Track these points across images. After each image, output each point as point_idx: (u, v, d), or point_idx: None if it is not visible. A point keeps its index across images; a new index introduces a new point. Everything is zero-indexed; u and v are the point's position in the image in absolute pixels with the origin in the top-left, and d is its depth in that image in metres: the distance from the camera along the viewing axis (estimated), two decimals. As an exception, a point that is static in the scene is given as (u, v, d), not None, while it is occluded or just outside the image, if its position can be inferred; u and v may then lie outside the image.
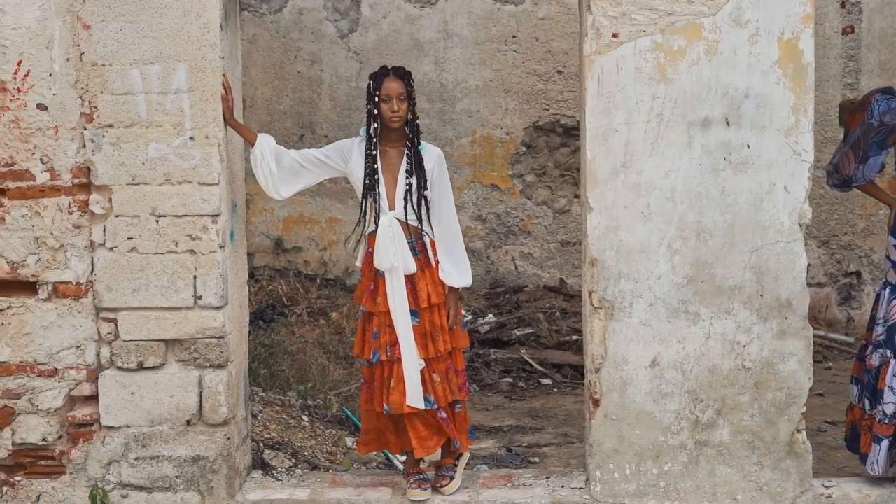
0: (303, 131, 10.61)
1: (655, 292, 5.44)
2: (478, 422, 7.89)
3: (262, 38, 10.62)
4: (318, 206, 10.68)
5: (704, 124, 5.37)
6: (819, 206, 10.40)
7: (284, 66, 10.62)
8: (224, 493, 5.56)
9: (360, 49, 10.61)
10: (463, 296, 10.56)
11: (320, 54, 10.62)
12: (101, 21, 5.38)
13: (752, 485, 5.50)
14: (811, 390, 5.50)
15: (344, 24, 10.63)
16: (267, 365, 8.00)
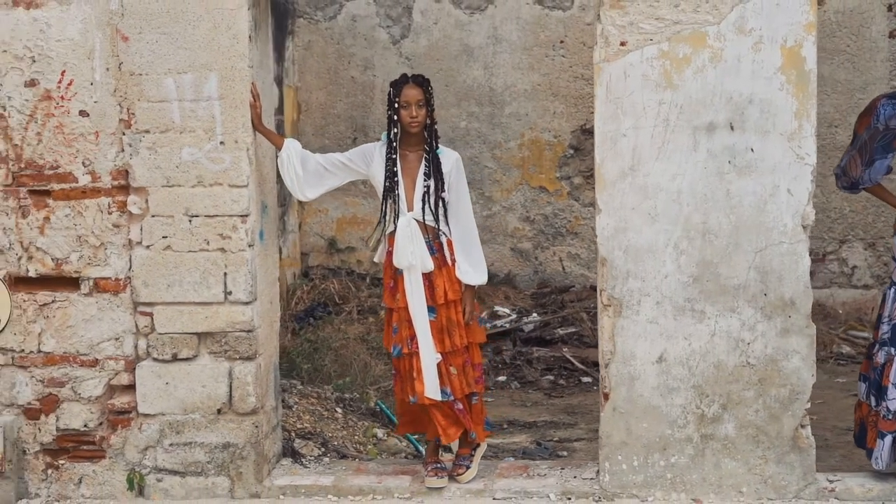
0: (356, 134, 10.92)
1: (662, 291, 5.65)
2: (514, 417, 8.14)
3: (317, 44, 10.95)
4: (371, 208, 10.96)
5: (709, 129, 5.57)
6: (866, 209, 10.48)
7: (338, 71, 10.94)
8: (252, 479, 5.88)
9: (412, 54, 10.89)
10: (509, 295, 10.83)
11: (373, 60, 10.92)
12: (138, 33, 5.73)
13: (757, 478, 5.68)
14: (846, 390, 5.65)
15: (396, 30, 10.92)
16: (311, 360, 8.31)
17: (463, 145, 10.95)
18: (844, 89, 10.55)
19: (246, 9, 5.70)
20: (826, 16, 10.59)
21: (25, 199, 5.85)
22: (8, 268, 5.89)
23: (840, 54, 10.55)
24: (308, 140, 10.81)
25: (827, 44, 10.62)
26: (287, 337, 9.15)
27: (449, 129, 11.00)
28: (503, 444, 7.33)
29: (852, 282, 10.77)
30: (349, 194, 10.88)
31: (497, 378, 9.27)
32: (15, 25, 5.79)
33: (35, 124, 5.81)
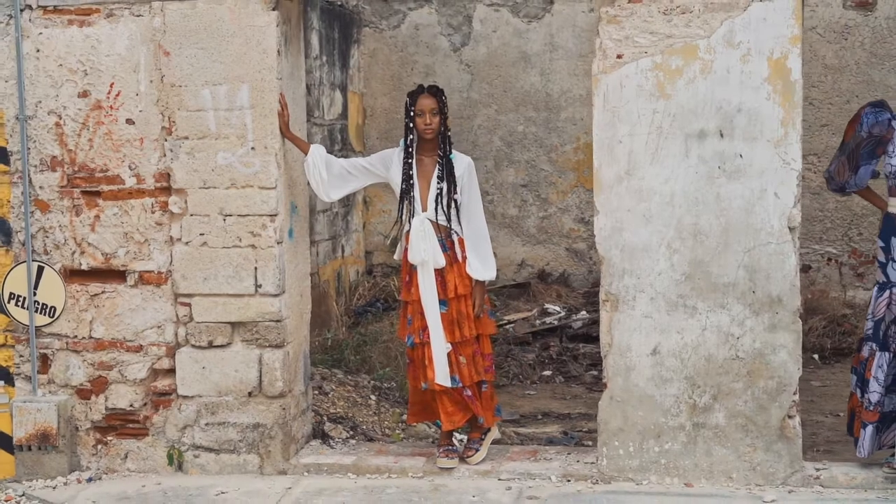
0: (418, 138, 11.41)
1: (656, 287, 6.03)
2: (550, 409, 8.54)
3: (381, 52, 11.48)
4: (432, 208, 11.45)
5: (700, 136, 5.94)
6: None
7: (402, 77, 11.45)
8: (280, 457, 6.40)
9: (472, 61, 11.37)
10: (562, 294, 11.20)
11: (434, 67, 11.42)
12: (178, 48, 6.30)
13: (746, 465, 6.03)
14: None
15: (457, 38, 11.40)
16: (360, 352, 8.83)
17: (520, 149, 11.39)
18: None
19: (275, 26, 6.22)
20: (877, 21, 10.81)
21: (78, 199, 6.45)
22: (63, 261, 6.50)
23: (891, 59, 10.74)
24: (373, 143, 11.37)
25: (878, 49, 10.84)
26: (343, 330, 9.70)
27: (507, 132, 11.46)
28: (534, 434, 7.72)
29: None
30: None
31: (543, 373, 9.67)
32: (70, 42, 6.39)
33: (87, 131, 6.41)
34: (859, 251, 10.93)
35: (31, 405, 6.44)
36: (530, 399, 8.97)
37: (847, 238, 10.93)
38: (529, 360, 9.83)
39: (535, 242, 11.55)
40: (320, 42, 10.16)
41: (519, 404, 8.69)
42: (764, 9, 5.82)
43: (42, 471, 6.46)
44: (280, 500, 5.99)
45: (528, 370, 9.67)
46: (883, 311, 5.97)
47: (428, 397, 6.39)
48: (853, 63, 10.82)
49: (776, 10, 5.82)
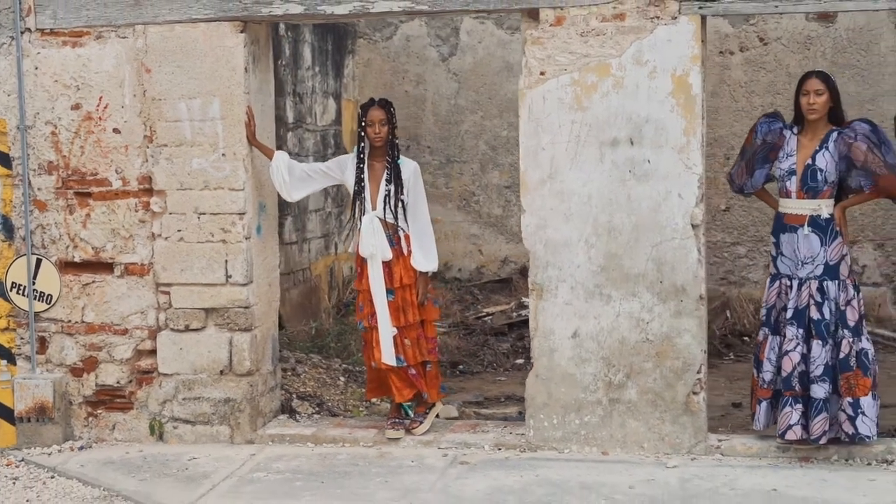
0: (409, 143, 12.21)
1: (576, 278, 6.80)
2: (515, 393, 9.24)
3: (375, 62, 12.29)
4: (422, 208, 12.24)
5: (613, 144, 6.70)
6: (874, 212, 11.31)
7: (394, 86, 12.25)
8: (248, 428, 7.23)
9: (459, 70, 12.15)
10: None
11: (424, 75, 12.21)
12: (158, 66, 7.14)
13: (656, 435, 6.78)
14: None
15: (445, 48, 12.19)
16: (340, 340, 9.66)
17: (504, 152, 12.16)
18: (855, 101, 11.35)
19: (242, 46, 7.04)
20: (837, 32, 11.46)
21: (72, 199, 7.31)
22: (58, 254, 7.35)
23: (850, 68, 11.39)
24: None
25: (839, 59, 11.50)
26: (329, 320, 10.52)
27: (492, 137, 12.23)
28: (493, 414, 8.46)
29: (862, 280, 11.59)
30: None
31: (516, 361, 10.40)
32: (64, 61, 7.25)
33: (79, 139, 7.26)
34: (822, 249, 11.59)
35: (31, 382, 7.29)
36: (499, 384, 9.71)
37: (810, 236, 11.59)
38: (504, 349, 10.58)
39: (518, 240, 12.07)
40: (313, 54, 10.98)
41: (487, 388, 9.42)
42: (668, 31, 6.58)
43: (40, 440, 7.31)
44: (244, 464, 6.81)
45: (501, 358, 10.41)
46: (774, 300, 6.70)
47: (382, 375, 7.19)
48: (816, 72, 11.46)
49: (679, 32, 6.57)
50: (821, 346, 6.49)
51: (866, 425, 6.47)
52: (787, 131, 6.68)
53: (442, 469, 6.59)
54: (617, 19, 6.62)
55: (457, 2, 6.78)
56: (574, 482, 6.29)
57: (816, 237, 6.54)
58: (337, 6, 6.90)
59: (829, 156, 6.52)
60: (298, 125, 10.56)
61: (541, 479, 6.37)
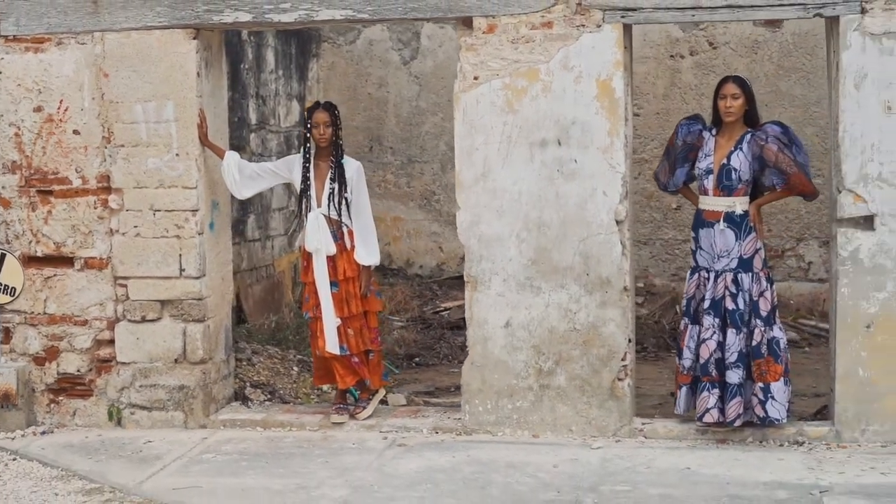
0: (372, 143, 12.65)
1: (508, 271, 7.22)
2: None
3: (339, 65, 12.70)
4: (385, 207, 12.65)
5: (542, 144, 7.12)
6: (820, 210, 11.71)
7: (357, 88, 12.67)
8: (201, 413, 7.64)
9: (420, 74, 12.56)
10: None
11: (387, 78, 12.62)
12: (115, 71, 7.54)
13: (583, 419, 7.21)
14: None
15: (406, 52, 12.60)
16: (300, 332, 10.06)
17: (463, 153, 12.54)
18: (800, 103, 11.81)
19: (195, 52, 7.45)
20: (784, 37, 11.90)
21: (34, 197, 7.71)
22: (21, 249, 7.75)
23: (796, 72, 11.82)
24: (330, 148, 12.55)
25: (785, 62, 11.94)
26: (290, 315, 10.93)
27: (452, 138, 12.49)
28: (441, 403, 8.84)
29: (808, 276, 12.05)
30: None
31: (470, 353, 10.80)
32: (27, 65, 7.65)
33: (41, 140, 7.66)
34: (769, 246, 11.98)
35: (-5, 370, 7.70)
36: (452, 375, 10.10)
37: (758, 234, 12.01)
38: (459, 342, 10.95)
39: (478, 238, 12.69)
40: (276, 58, 11.39)
41: (440, 379, 9.82)
42: (593, 39, 7.00)
43: (4, 425, 7.70)
44: (195, 446, 7.22)
45: (457, 351, 10.80)
46: (693, 291, 7.13)
47: (328, 363, 7.60)
48: (762, 75, 11.89)
49: (603, 40, 6.99)
50: (735, 335, 6.92)
51: (776, 409, 6.89)
52: (706, 133, 7.10)
53: (380, 451, 7.01)
54: (545, 27, 7.03)
55: (395, 10, 7.20)
56: (502, 462, 6.70)
57: (731, 232, 6.96)
58: (283, 14, 7.30)
59: (744, 156, 6.94)
60: (262, 126, 10.97)
61: (471, 459, 6.79)
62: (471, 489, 6.25)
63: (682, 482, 6.28)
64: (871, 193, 6.81)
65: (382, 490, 6.27)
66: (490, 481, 6.37)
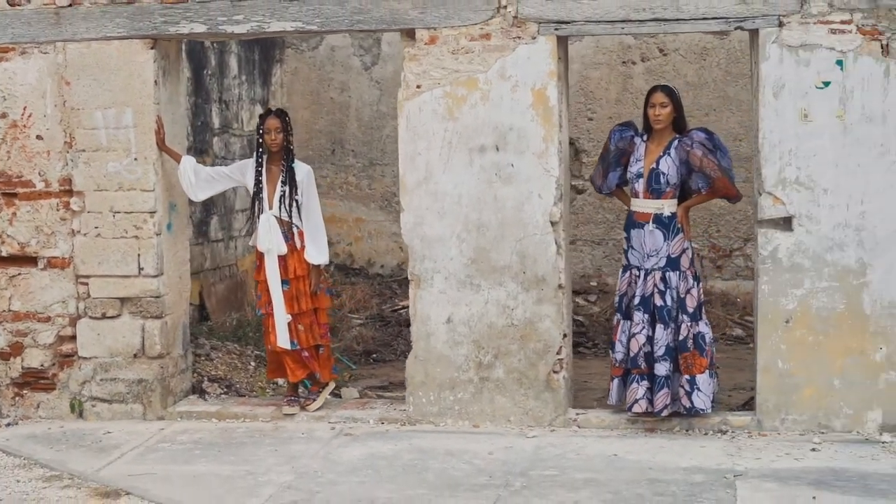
0: (334, 146, 13.04)
1: (449, 269, 7.62)
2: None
3: (302, 70, 13.09)
4: (347, 208, 13.06)
5: (481, 150, 7.52)
6: (766, 211, 12.16)
7: (320, 93, 13.06)
8: (159, 406, 8.01)
9: (381, 79, 12.95)
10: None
11: (348, 83, 13.02)
12: (76, 79, 7.91)
13: (521, 410, 7.61)
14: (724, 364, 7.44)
15: (367, 58, 12.99)
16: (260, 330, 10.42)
17: (423, 155, 12.93)
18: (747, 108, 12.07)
19: (152, 62, 7.82)
20: (731, 44, 12.32)
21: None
22: (-13, 249, 8.13)
23: (743, 77, 12.23)
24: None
25: (733, 68, 12.37)
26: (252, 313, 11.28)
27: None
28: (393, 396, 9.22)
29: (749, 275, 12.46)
30: (329, 197, 12.96)
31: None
32: (-8, 74, 8.03)
33: (6, 145, 8.02)
34: (718, 246, 12.45)
35: (-38, 364, 8.05)
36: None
37: (707, 234, 12.44)
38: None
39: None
40: (239, 64, 11.77)
41: (395, 374, 10.14)
42: (528, 50, 7.40)
43: (-30, 417, 8.07)
44: (152, 436, 7.59)
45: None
46: (625, 288, 7.54)
47: (280, 357, 7.99)
48: (711, 80, 12.34)
49: (538, 51, 7.40)
50: (663, 330, 7.33)
51: (701, 400, 7.31)
52: (637, 139, 7.51)
53: (327, 440, 7.40)
54: (483, 38, 7.44)
55: (342, 22, 7.59)
56: (441, 450, 7.10)
57: (660, 233, 7.37)
58: (236, 26, 7.69)
59: (671, 161, 7.36)
60: (225, 130, 11.35)
61: (412, 447, 7.18)
62: (409, 475, 6.64)
63: (608, 467, 6.69)
64: (789, 196, 7.21)
65: (326, 476, 6.65)
66: (427, 467, 6.76)
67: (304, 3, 7.57)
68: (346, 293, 12.15)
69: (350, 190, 13.06)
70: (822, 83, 7.15)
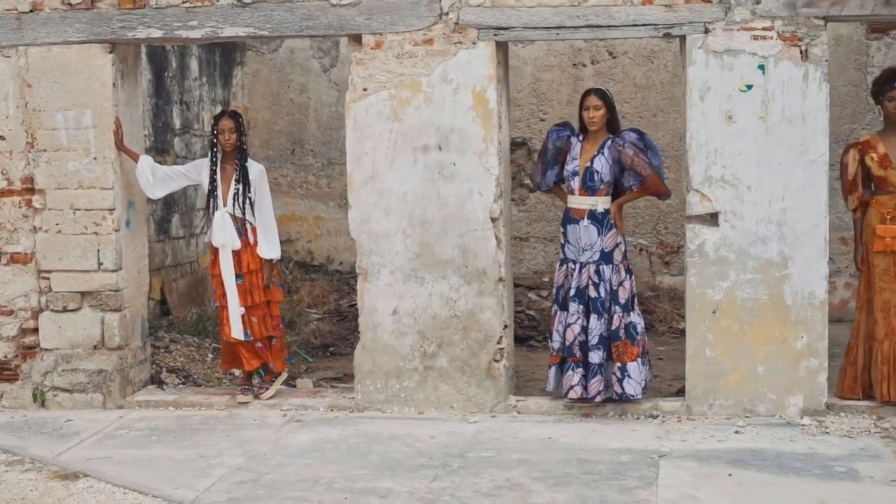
0: (294, 146, 13.39)
1: (395, 263, 8.00)
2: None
3: (262, 72, 13.44)
4: (306, 206, 13.42)
5: (425, 149, 7.91)
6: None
7: (280, 94, 13.41)
8: (118, 395, 8.36)
9: (339, 80, 13.30)
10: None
11: (308, 85, 13.37)
12: (38, 82, 8.25)
13: (463, 397, 8.00)
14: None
15: (326, 60, 13.36)
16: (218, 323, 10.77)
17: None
18: (693, 109, 12.62)
19: (111, 65, 8.16)
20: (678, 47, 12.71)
21: (-37, 197, 8.40)
22: (-48, 245, 8.45)
23: (689, 80, 12.65)
24: (255, 152, 13.26)
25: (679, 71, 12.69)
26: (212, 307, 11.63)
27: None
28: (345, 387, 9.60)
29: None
30: (289, 195, 13.35)
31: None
32: (-44, 76, 8.35)
33: (-31, 145, 8.36)
34: (665, 242, 12.86)
35: (-72, 356, 8.37)
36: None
37: (656, 231, 12.86)
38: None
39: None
40: (200, 66, 12.11)
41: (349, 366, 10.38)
42: (468, 55, 7.79)
43: (-64, 407, 8.39)
44: (111, 424, 7.94)
45: (370, 341, 11.57)
46: (562, 280, 7.94)
47: (234, 348, 8.35)
48: (658, 82, 12.75)
49: (477, 56, 7.78)
50: (597, 320, 7.74)
51: (632, 386, 7.72)
52: (573, 138, 7.91)
53: (278, 426, 7.77)
54: (427, 44, 7.82)
55: (292, 28, 7.96)
56: (385, 434, 7.48)
57: (594, 228, 7.78)
58: (191, 31, 8.04)
59: (605, 160, 7.76)
60: (186, 131, 11.69)
61: (359, 432, 7.56)
62: (353, 457, 7.02)
63: (541, 449, 7.09)
64: (715, 193, 7.63)
65: (275, 458, 7.02)
66: (372, 450, 7.14)
67: (256, 10, 7.93)
68: (305, 289, 12.52)
69: (310, 189, 13.41)
70: (746, 86, 7.56)
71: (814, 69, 7.52)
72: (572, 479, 6.47)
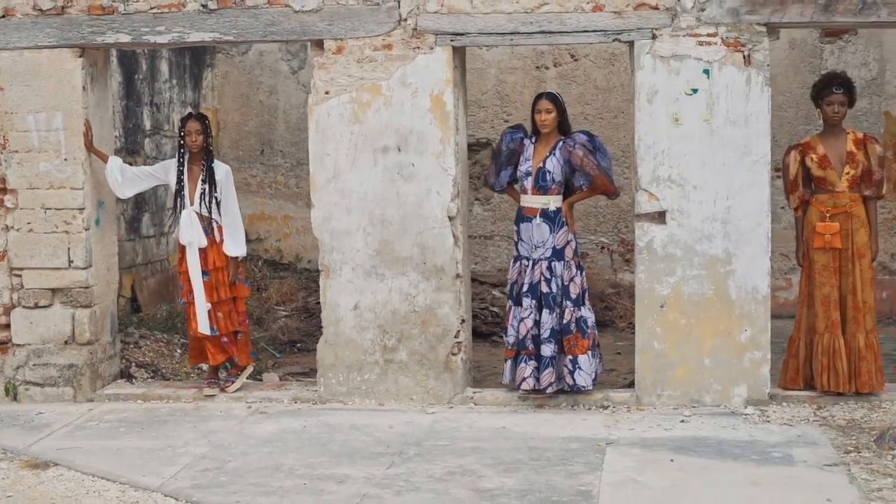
0: (263, 147, 13.66)
1: (356, 260, 8.30)
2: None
3: (232, 74, 13.70)
4: (276, 206, 13.69)
5: (384, 150, 8.21)
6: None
7: (249, 96, 13.68)
8: (88, 389, 8.63)
9: (307, 82, 13.41)
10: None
11: (277, 87, 13.65)
12: (10, 85, 8.51)
13: (422, 389, 8.30)
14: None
15: (294, 62, 13.63)
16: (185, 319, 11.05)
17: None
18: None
19: (80, 69, 8.43)
20: (637, 51, 13.04)
21: (-63, 197, 8.66)
22: (-74, 244, 8.70)
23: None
24: (225, 152, 13.56)
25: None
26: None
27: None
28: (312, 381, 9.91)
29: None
30: (259, 195, 13.63)
31: (349, 338, 11.84)
32: (-70, 80, 8.61)
33: (-57, 146, 8.62)
34: (626, 241, 13.16)
35: None
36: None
37: (616, 230, 13.19)
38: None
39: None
40: (170, 68, 12.38)
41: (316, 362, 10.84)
42: (426, 60, 8.10)
43: (-89, 401, 8.64)
44: (81, 416, 8.21)
45: (337, 337, 11.85)
46: (516, 277, 8.25)
47: (201, 343, 8.63)
48: (619, 84, 13.06)
49: (435, 60, 8.09)
50: (548, 314, 8.05)
51: (583, 378, 8.04)
52: (526, 140, 8.22)
53: (243, 417, 8.06)
54: (386, 49, 8.12)
55: (256, 33, 8.25)
56: (346, 424, 7.79)
57: (546, 226, 8.09)
58: (159, 36, 8.32)
59: (556, 161, 8.08)
60: (156, 132, 11.96)
61: (320, 423, 7.86)
62: (314, 446, 7.32)
63: (495, 437, 7.40)
64: (663, 193, 7.96)
65: (238, 447, 7.32)
66: (332, 440, 7.44)
67: (221, 16, 8.21)
68: (274, 287, 12.80)
69: (279, 189, 13.68)
70: (691, 90, 7.89)
71: (756, 74, 7.85)
72: (522, 465, 6.78)
